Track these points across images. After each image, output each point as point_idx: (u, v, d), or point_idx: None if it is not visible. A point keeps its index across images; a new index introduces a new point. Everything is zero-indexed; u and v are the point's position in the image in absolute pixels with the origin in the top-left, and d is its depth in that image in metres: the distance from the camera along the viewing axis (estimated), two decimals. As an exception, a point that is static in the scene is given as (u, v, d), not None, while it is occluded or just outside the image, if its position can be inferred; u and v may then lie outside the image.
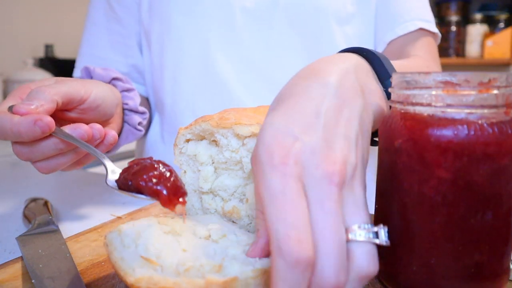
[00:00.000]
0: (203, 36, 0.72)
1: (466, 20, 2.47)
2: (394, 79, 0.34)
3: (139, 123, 0.65)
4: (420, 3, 0.75)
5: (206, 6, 0.71)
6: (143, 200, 0.35)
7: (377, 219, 0.37)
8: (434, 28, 0.74)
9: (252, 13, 0.71)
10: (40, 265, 0.38)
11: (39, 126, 0.40)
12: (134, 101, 0.63)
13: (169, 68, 0.75)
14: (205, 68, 0.73)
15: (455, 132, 0.30)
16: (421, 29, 0.72)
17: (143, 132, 0.66)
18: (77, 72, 0.77)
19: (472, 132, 0.29)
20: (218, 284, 0.28)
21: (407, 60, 0.65)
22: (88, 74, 0.61)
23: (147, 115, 0.66)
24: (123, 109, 0.63)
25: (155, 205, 0.58)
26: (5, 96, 1.77)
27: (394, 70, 0.38)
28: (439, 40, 0.78)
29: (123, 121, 0.64)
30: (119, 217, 0.54)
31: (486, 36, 2.39)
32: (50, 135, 0.43)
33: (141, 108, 0.64)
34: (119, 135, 0.63)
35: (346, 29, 0.72)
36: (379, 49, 0.76)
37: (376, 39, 0.76)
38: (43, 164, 0.46)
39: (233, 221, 0.46)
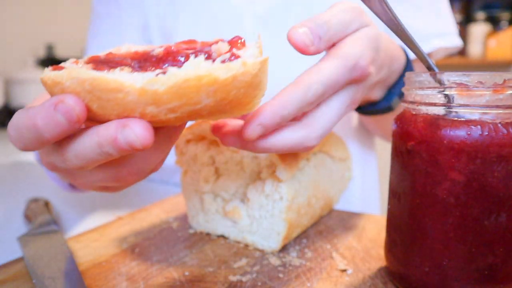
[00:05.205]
0: (211, 38, 0.71)
1: (468, 19, 2.47)
2: (407, 79, 0.34)
3: None
4: (440, 18, 0.69)
5: (214, 9, 0.69)
6: (144, 200, 0.33)
7: (389, 220, 0.36)
8: (453, 41, 0.69)
9: (263, 19, 0.69)
10: (41, 265, 0.38)
11: (61, 111, 0.24)
12: None
13: None
14: None
15: (469, 133, 0.29)
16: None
17: None
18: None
19: (486, 133, 0.29)
20: None
21: None
22: None
23: None
24: None
25: (156, 205, 0.58)
26: (5, 96, 1.76)
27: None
28: (460, 48, 0.72)
29: None
30: (120, 218, 0.53)
31: (488, 35, 2.38)
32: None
33: None
34: None
35: None
36: None
37: None
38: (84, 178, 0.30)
39: (234, 222, 0.46)
